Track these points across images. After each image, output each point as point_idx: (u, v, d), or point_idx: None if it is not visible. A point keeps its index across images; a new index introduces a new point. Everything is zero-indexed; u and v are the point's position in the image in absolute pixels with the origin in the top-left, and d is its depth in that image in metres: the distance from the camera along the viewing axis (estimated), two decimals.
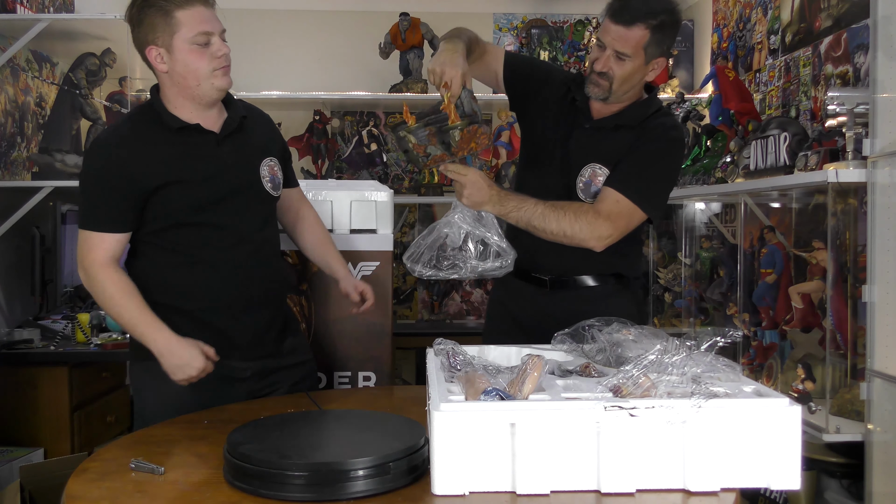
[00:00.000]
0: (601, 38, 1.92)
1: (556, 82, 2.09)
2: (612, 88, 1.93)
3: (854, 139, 2.14)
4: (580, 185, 2.00)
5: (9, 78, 2.98)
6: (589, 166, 1.99)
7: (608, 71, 1.91)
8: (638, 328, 1.54)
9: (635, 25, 1.86)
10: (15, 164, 3.03)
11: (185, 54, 1.74)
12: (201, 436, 1.54)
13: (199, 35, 1.73)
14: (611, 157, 1.98)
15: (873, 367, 2.03)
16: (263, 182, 1.89)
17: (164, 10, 1.71)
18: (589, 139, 2.01)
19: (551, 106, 2.08)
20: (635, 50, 1.88)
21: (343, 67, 4.32)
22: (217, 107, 1.85)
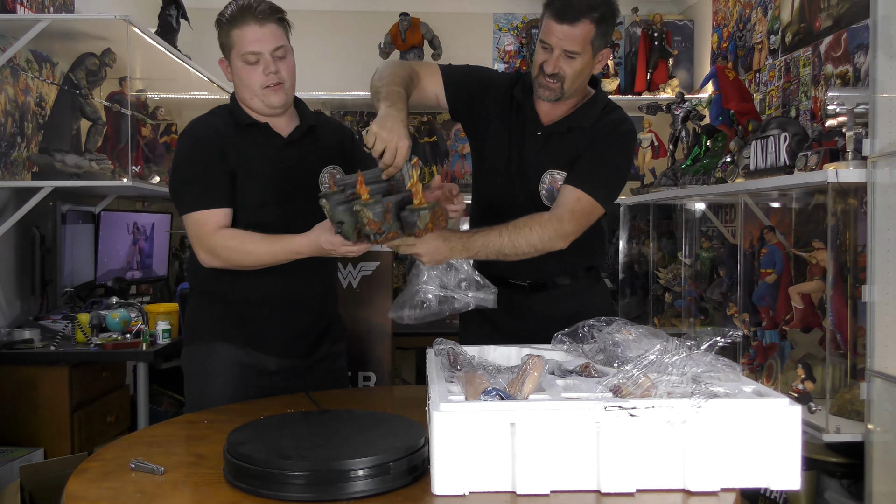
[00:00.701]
0: (545, 39, 1.90)
1: (498, 89, 2.07)
2: (564, 88, 1.92)
3: (854, 139, 2.14)
4: (543, 193, 1.99)
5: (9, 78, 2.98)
6: (548, 173, 1.98)
7: (559, 71, 1.89)
8: (638, 328, 1.54)
9: (580, 22, 1.85)
10: (15, 164, 3.03)
11: (239, 69, 1.87)
12: (201, 436, 1.54)
13: (247, 54, 1.84)
14: (567, 160, 1.97)
15: (873, 367, 2.03)
16: (322, 189, 1.93)
17: (226, 28, 1.86)
18: (543, 146, 2.00)
19: (498, 114, 2.06)
20: (583, 46, 1.87)
21: (343, 67, 4.32)
22: (288, 114, 1.96)
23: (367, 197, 1.57)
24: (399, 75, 1.88)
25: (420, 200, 1.59)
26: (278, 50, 1.86)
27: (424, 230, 1.59)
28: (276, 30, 1.87)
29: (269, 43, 1.85)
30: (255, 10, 1.84)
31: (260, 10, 1.84)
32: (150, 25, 3.26)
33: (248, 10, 1.83)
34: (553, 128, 2.00)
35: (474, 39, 4.32)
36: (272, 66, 1.86)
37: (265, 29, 1.84)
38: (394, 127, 1.67)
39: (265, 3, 1.87)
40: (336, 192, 1.63)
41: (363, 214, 1.56)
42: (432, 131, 4.13)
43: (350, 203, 1.60)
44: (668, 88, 4.08)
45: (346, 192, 1.62)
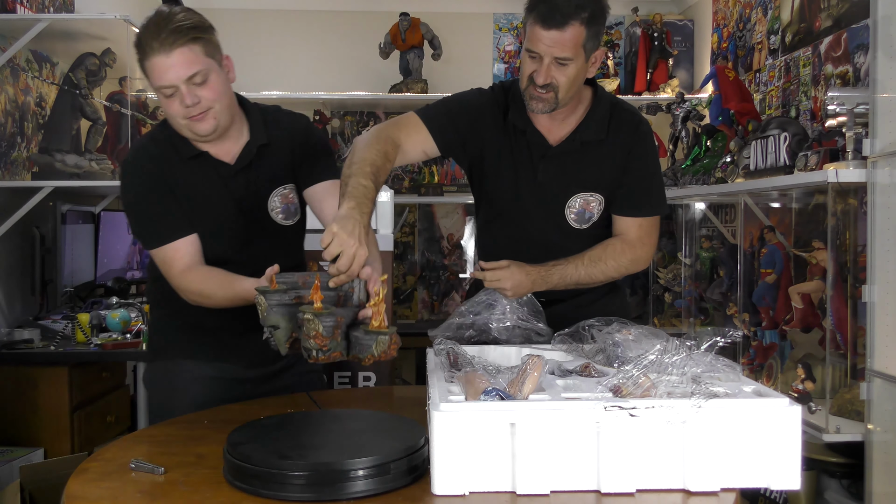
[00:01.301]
0: (532, 48, 1.74)
1: (487, 117, 1.90)
2: (559, 98, 1.77)
3: (854, 139, 2.14)
4: (571, 217, 1.90)
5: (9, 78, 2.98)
6: (577, 197, 1.89)
7: (551, 81, 1.74)
8: (638, 328, 1.54)
9: (569, 25, 1.70)
10: (15, 164, 3.03)
11: (161, 100, 1.69)
12: (201, 436, 1.54)
13: (161, 88, 1.65)
14: (593, 179, 1.88)
15: (873, 367, 2.03)
16: (273, 214, 1.83)
17: (140, 60, 1.65)
18: (559, 167, 1.88)
19: (497, 144, 1.90)
20: (575, 51, 1.72)
21: (343, 67, 4.33)
22: (233, 134, 1.79)
23: (320, 306, 1.37)
24: (370, 161, 1.67)
25: (380, 323, 1.38)
26: (195, 76, 1.63)
27: (378, 357, 1.37)
28: (187, 54, 1.62)
29: (182, 71, 1.61)
30: (160, 36, 1.60)
31: (164, 38, 1.60)
32: None
33: (152, 36, 1.60)
34: (564, 147, 1.87)
35: (474, 39, 4.32)
36: (189, 99, 1.64)
37: (173, 57, 1.61)
38: (354, 230, 1.47)
39: (172, 24, 1.60)
40: (277, 291, 1.43)
41: (310, 325, 1.34)
42: None
43: (292, 307, 1.41)
44: (668, 88, 4.08)
45: (290, 293, 1.44)
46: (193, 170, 1.76)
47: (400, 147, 1.81)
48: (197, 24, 1.64)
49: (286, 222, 1.86)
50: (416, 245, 4.44)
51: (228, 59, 1.74)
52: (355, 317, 1.44)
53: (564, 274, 1.86)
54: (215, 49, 1.69)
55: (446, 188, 4.13)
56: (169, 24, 1.59)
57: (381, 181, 1.69)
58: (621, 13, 4.41)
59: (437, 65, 4.14)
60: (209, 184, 1.77)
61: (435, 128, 1.86)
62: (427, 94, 4.05)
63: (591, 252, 1.88)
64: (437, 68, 4.17)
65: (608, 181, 1.89)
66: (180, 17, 1.62)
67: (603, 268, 1.88)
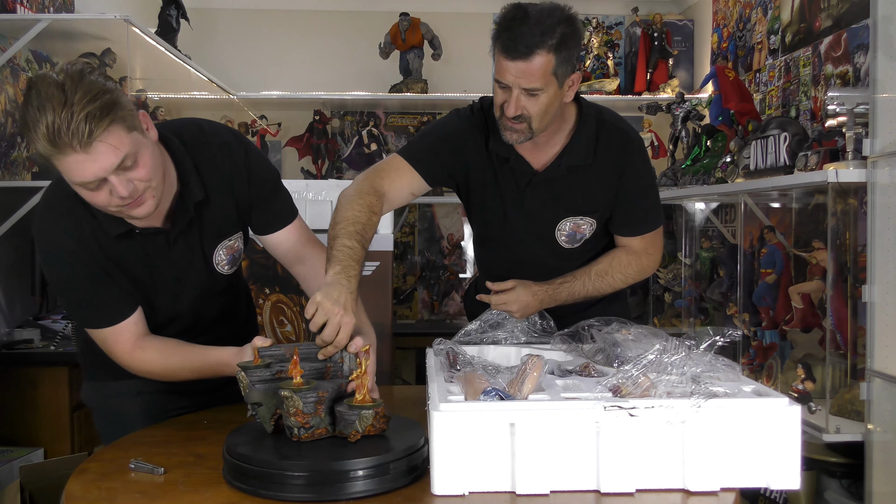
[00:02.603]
0: (500, 79, 1.66)
1: (468, 145, 1.84)
2: (533, 128, 1.69)
3: (854, 139, 2.14)
4: (562, 239, 1.89)
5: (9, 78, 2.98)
6: (566, 221, 1.86)
7: (522, 112, 1.67)
8: (638, 328, 1.54)
9: (535, 55, 1.60)
10: (15, 164, 3.02)
11: (81, 192, 1.39)
12: (201, 436, 1.54)
13: (81, 185, 1.36)
14: (582, 203, 1.85)
15: (873, 367, 2.03)
16: (219, 267, 1.66)
17: (47, 157, 1.33)
18: (546, 193, 1.84)
19: (481, 172, 1.86)
20: (545, 80, 1.63)
21: (343, 67, 4.32)
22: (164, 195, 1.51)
23: (300, 381, 1.30)
24: (352, 219, 1.63)
25: (364, 396, 1.31)
26: (125, 160, 1.34)
27: (364, 432, 1.29)
28: (111, 140, 1.31)
29: (108, 162, 1.32)
30: (71, 129, 1.26)
31: (77, 129, 1.27)
32: (150, 25, 3.26)
33: (62, 131, 1.27)
34: (549, 172, 1.81)
35: (474, 39, 4.31)
36: (123, 189, 1.35)
37: (93, 153, 1.30)
38: (339, 298, 1.41)
39: (81, 111, 1.27)
40: (259, 367, 1.37)
41: (290, 403, 1.28)
42: None
43: (274, 383, 1.34)
44: (668, 88, 4.08)
45: (273, 367, 1.37)
46: (125, 246, 1.52)
47: (385, 196, 1.77)
48: (109, 102, 1.30)
49: (231, 270, 1.70)
50: (416, 245, 4.44)
51: (144, 114, 1.44)
52: (342, 390, 1.36)
53: (573, 290, 1.88)
54: (132, 115, 1.36)
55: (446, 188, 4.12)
56: (77, 112, 1.26)
57: (369, 237, 1.65)
58: (621, 13, 4.41)
59: (437, 65, 4.14)
60: (146, 257, 1.55)
61: (421, 167, 1.82)
62: (427, 94, 4.05)
63: (597, 266, 1.90)
64: (437, 68, 4.17)
65: (599, 204, 1.85)
66: (85, 99, 1.27)
67: (610, 281, 1.91)
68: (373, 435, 1.30)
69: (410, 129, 4.30)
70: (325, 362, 1.45)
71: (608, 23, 4.42)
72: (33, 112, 1.28)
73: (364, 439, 1.29)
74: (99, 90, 1.30)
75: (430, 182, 1.86)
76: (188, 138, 1.56)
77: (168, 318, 1.64)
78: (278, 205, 1.70)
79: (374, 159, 4.10)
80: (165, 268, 1.58)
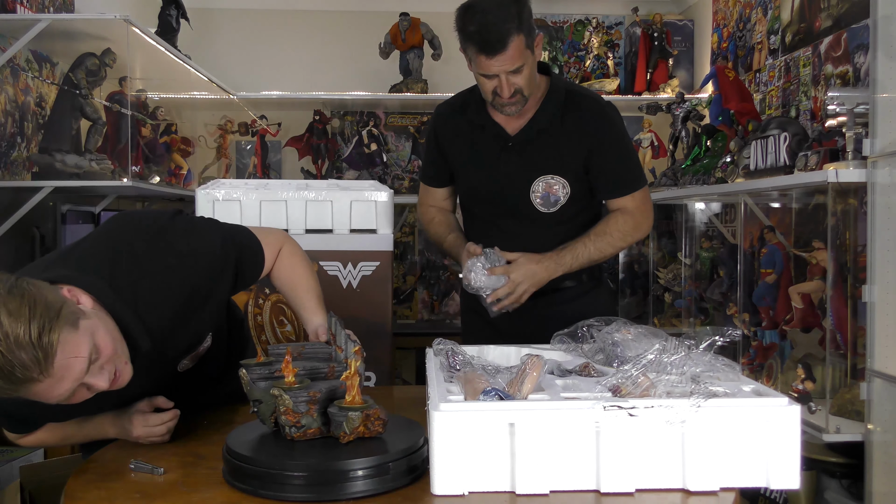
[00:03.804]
0: (483, 72, 1.85)
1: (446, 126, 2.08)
2: (525, 95, 1.89)
3: (854, 139, 2.14)
4: (538, 201, 2.00)
5: (9, 78, 2.98)
6: (538, 181, 1.99)
7: (514, 88, 1.85)
8: (638, 328, 1.54)
9: (509, 43, 1.78)
10: (15, 164, 3.03)
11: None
12: (201, 436, 1.54)
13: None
14: (552, 163, 1.98)
15: (873, 367, 2.03)
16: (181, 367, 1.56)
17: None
18: (519, 156, 1.99)
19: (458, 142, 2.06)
20: (523, 57, 1.82)
21: (343, 67, 4.32)
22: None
23: (292, 380, 1.31)
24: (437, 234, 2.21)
25: (354, 398, 1.29)
26: (91, 356, 1.21)
27: (352, 434, 1.28)
28: (69, 361, 1.17)
29: (76, 375, 1.19)
30: (31, 369, 1.13)
31: (39, 367, 1.13)
32: (150, 25, 3.26)
33: (13, 374, 1.12)
34: (521, 136, 1.98)
35: None
36: (101, 382, 1.25)
37: (58, 372, 1.16)
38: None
39: (31, 340, 1.12)
40: (261, 364, 1.39)
41: (280, 401, 1.28)
42: None
43: (274, 381, 1.35)
44: (668, 88, 4.08)
45: (274, 366, 1.40)
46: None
47: (439, 207, 2.20)
48: (51, 309, 1.15)
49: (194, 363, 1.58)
50: (416, 245, 4.44)
51: (70, 289, 1.27)
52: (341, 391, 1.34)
53: (576, 253, 1.96)
54: (75, 308, 1.22)
55: None
56: (24, 339, 1.11)
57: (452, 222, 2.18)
58: (621, 13, 4.41)
59: (437, 65, 4.13)
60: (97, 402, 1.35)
61: (431, 181, 2.19)
62: (427, 94, 4.04)
63: (595, 228, 2.01)
64: (437, 68, 4.16)
65: (568, 164, 1.98)
66: (31, 322, 1.12)
67: (609, 240, 1.99)
68: (368, 437, 1.30)
69: (410, 128, 4.30)
70: (329, 362, 1.46)
71: (608, 23, 4.42)
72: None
73: (363, 440, 1.29)
74: (26, 299, 1.13)
75: (444, 184, 2.18)
76: (120, 280, 1.35)
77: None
78: (248, 275, 1.61)
79: (374, 159, 4.10)
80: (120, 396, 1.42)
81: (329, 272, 2.46)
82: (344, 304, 2.28)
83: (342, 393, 1.33)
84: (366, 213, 2.49)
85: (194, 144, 4.03)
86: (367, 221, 2.50)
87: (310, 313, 1.67)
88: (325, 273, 2.45)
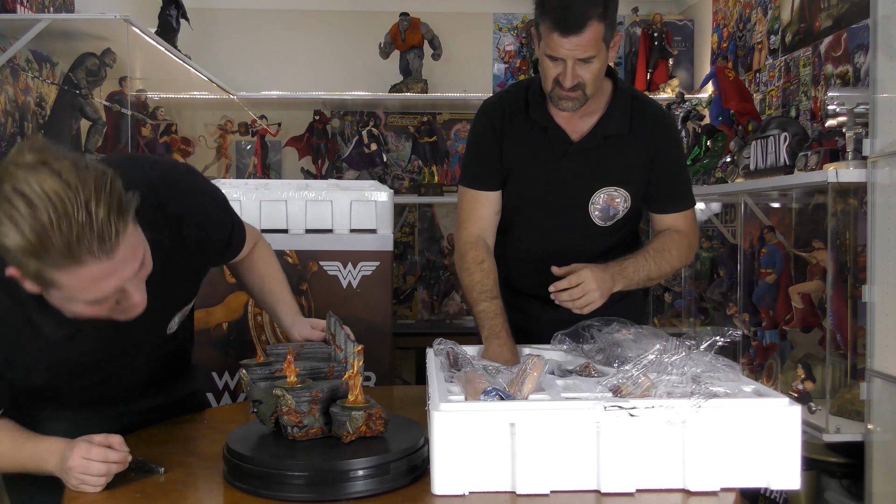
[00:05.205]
0: (553, 54, 1.70)
1: (504, 123, 1.88)
2: (587, 93, 1.76)
3: (854, 139, 2.14)
4: (596, 214, 1.88)
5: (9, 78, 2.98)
6: (601, 192, 1.86)
7: (578, 80, 1.72)
8: (638, 328, 1.54)
9: (588, 26, 1.65)
10: None
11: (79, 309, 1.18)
12: (201, 436, 1.54)
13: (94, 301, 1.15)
14: (617, 174, 1.86)
15: (873, 367, 2.03)
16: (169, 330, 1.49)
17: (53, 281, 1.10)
18: (582, 163, 1.85)
19: (518, 142, 1.88)
20: (597, 48, 1.69)
21: (343, 67, 4.32)
22: None
23: (294, 380, 1.31)
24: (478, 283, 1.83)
25: (357, 397, 1.29)
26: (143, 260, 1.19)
27: (354, 434, 1.28)
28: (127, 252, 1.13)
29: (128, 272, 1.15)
30: (94, 241, 1.06)
31: (105, 241, 1.08)
32: (150, 25, 3.26)
33: (79, 243, 1.06)
34: (586, 142, 1.84)
35: (474, 39, 4.31)
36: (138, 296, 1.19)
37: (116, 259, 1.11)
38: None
39: (103, 213, 1.08)
40: (261, 364, 1.39)
41: (282, 401, 1.28)
42: (432, 131, 4.12)
43: (274, 381, 1.35)
44: (668, 88, 4.07)
45: (273, 366, 1.39)
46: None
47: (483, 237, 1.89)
48: (122, 193, 1.11)
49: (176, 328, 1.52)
50: (416, 245, 4.44)
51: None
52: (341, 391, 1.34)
53: (637, 267, 1.81)
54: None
55: (446, 188, 4.13)
56: (95, 210, 1.07)
57: (493, 288, 1.83)
58: (621, 13, 4.38)
59: (437, 65, 4.13)
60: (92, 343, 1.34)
61: (483, 185, 1.90)
62: (427, 94, 4.04)
63: (653, 244, 1.87)
64: (437, 68, 4.16)
65: (633, 175, 1.88)
66: (102, 192, 1.09)
67: (668, 258, 1.86)
68: (369, 436, 1.30)
69: (410, 129, 4.30)
70: (329, 362, 1.45)
71: None
72: (25, 218, 1.04)
73: (364, 440, 1.29)
74: (105, 175, 1.11)
75: (499, 186, 1.91)
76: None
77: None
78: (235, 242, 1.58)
79: (374, 159, 4.10)
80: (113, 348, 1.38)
81: (329, 272, 2.46)
82: (344, 304, 2.28)
83: (343, 392, 1.33)
84: (366, 213, 2.49)
85: (194, 144, 4.03)
86: (367, 221, 2.50)
87: (282, 306, 1.68)
88: (325, 273, 2.45)
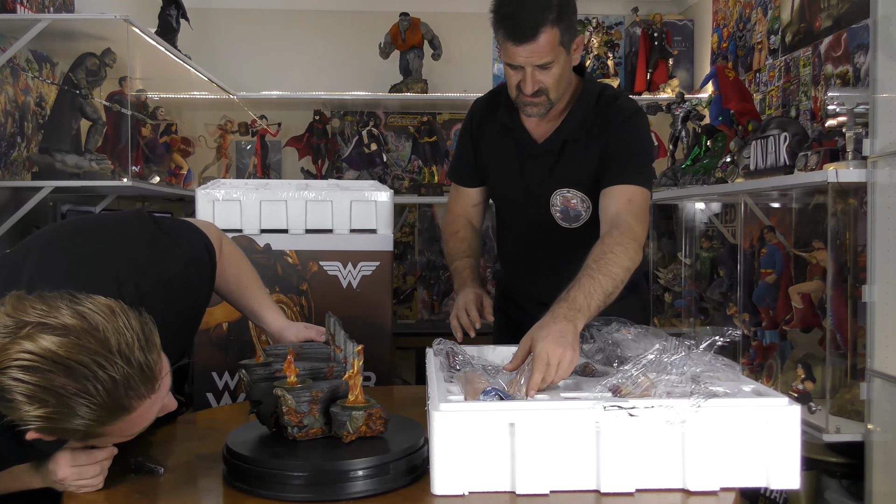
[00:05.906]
0: (510, 62, 1.71)
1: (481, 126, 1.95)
2: (551, 98, 1.75)
3: (854, 139, 2.14)
4: (557, 216, 1.88)
5: (9, 78, 2.98)
6: (556, 193, 1.87)
7: (539, 86, 1.72)
8: (637, 328, 1.54)
9: (541, 33, 1.64)
10: (15, 164, 3.03)
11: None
12: (201, 436, 1.54)
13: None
14: (571, 176, 1.85)
15: (873, 367, 2.03)
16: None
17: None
18: (542, 165, 1.87)
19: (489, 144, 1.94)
20: (554, 53, 1.68)
21: (343, 67, 4.32)
22: None
23: (294, 380, 1.31)
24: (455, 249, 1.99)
25: (357, 397, 1.29)
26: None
27: (354, 433, 1.28)
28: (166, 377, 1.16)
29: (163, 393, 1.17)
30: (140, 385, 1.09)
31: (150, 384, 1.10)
32: (150, 25, 3.26)
33: (131, 390, 1.08)
34: (547, 145, 1.86)
35: (474, 39, 4.31)
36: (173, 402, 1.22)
37: (161, 390, 1.14)
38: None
39: (141, 358, 1.09)
40: (260, 365, 1.39)
41: (283, 401, 1.28)
42: (432, 131, 4.12)
43: (274, 381, 1.34)
44: (668, 88, 4.08)
45: (273, 366, 1.39)
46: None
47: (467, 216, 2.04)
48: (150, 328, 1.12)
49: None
50: (416, 245, 4.44)
51: None
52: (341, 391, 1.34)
53: (586, 291, 1.54)
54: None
55: (446, 188, 4.12)
56: (136, 355, 1.08)
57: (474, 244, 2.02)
58: (621, 13, 4.41)
59: (437, 65, 4.13)
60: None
61: (461, 179, 2.05)
62: (427, 94, 4.04)
63: (590, 257, 1.63)
64: (437, 68, 4.16)
65: (588, 176, 1.84)
66: (138, 337, 1.09)
67: (612, 259, 1.60)
68: (369, 436, 1.30)
69: (410, 129, 4.30)
70: (329, 362, 1.45)
71: (608, 23, 4.42)
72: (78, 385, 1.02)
73: (363, 440, 1.29)
74: (114, 313, 1.07)
75: (476, 184, 2.03)
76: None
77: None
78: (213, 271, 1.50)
79: (374, 159, 4.10)
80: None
81: (329, 272, 2.46)
82: (344, 304, 2.28)
83: (343, 392, 1.33)
84: (366, 213, 2.49)
85: (194, 144, 4.03)
86: (367, 221, 2.49)
87: (266, 310, 1.64)
88: (326, 273, 2.45)
